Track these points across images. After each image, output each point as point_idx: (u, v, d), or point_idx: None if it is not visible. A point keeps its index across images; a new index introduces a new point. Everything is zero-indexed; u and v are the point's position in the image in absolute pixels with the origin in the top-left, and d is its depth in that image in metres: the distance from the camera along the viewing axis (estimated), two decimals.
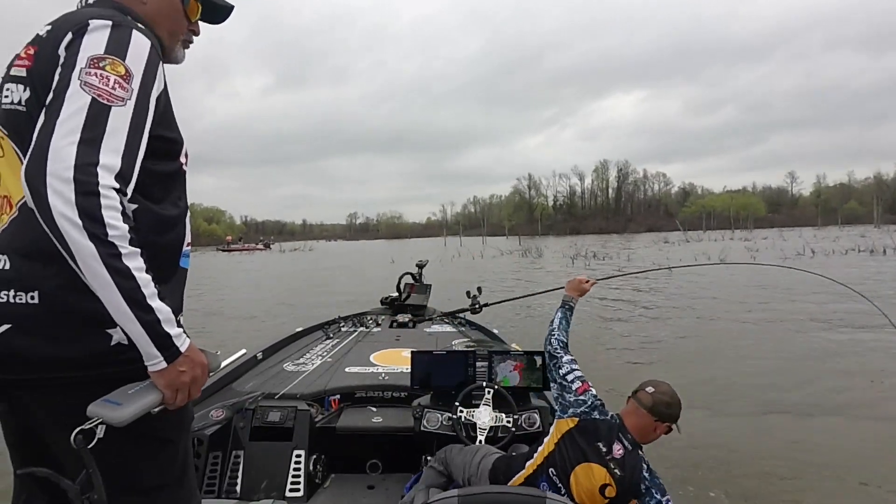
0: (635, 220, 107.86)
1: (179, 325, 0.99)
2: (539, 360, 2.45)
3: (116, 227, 0.88)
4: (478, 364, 2.47)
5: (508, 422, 2.24)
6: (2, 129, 1.03)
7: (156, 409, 0.97)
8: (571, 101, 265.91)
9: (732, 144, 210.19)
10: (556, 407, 1.96)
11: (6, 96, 1.02)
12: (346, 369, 3.05)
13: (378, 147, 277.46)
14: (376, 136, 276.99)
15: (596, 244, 42.41)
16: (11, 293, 0.96)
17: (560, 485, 1.72)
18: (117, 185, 0.90)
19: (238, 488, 2.20)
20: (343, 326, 4.42)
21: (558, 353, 2.04)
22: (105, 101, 0.91)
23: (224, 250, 62.43)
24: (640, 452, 1.74)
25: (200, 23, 1.29)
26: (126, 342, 0.97)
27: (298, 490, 2.23)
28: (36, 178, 0.86)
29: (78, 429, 0.92)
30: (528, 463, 1.83)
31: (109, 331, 0.98)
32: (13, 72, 1.02)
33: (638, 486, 1.67)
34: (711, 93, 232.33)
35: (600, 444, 1.73)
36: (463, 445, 2.12)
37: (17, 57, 1.03)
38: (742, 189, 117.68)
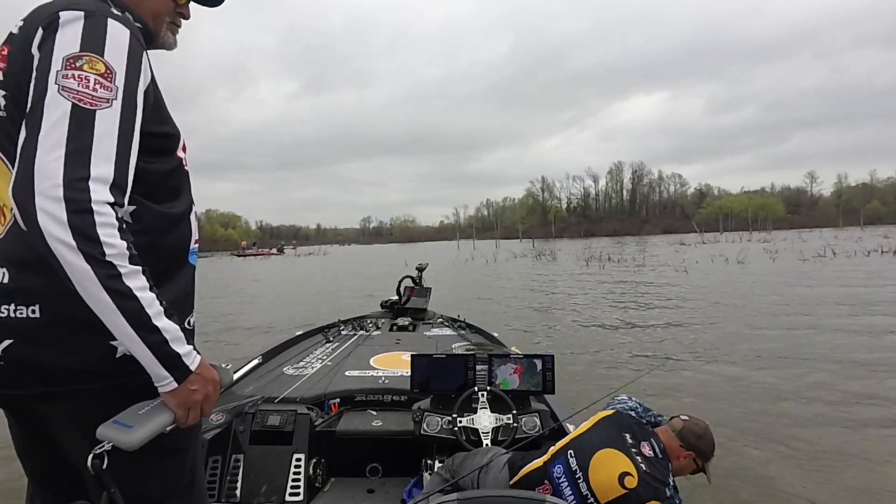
0: (651, 222, 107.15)
1: (189, 342, 0.94)
2: (539, 364, 2.42)
3: (114, 245, 0.82)
4: (478, 367, 2.45)
5: (509, 418, 2.23)
6: None
7: (168, 429, 0.94)
8: (592, 102, 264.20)
9: (751, 144, 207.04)
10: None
11: None
12: (346, 373, 3.04)
13: (394, 150, 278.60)
14: (393, 139, 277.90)
15: (610, 247, 42.03)
16: (12, 307, 0.91)
17: (576, 467, 1.66)
18: (112, 199, 0.84)
19: (238, 492, 2.20)
20: (343, 330, 4.42)
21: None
22: (87, 106, 0.84)
23: (239, 255, 63.53)
24: (669, 465, 1.70)
25: (200, 7, 1.22)
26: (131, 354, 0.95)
27: (298, 494, 2.22)
28: (24, 198, 0.80)
29: (90, 454, 0.90)
30: (550, 448, 1.79)
31: (113, 343, 0.94)
32: None
33: (663, 489, 1.60)
34: (732, 92, 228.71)
35: (627, 436, 1.69)
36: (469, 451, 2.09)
37: None
38: (760, 189, 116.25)
